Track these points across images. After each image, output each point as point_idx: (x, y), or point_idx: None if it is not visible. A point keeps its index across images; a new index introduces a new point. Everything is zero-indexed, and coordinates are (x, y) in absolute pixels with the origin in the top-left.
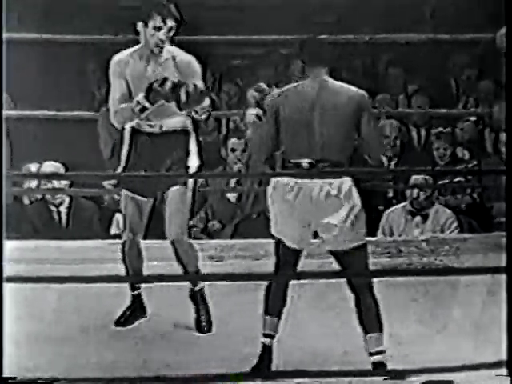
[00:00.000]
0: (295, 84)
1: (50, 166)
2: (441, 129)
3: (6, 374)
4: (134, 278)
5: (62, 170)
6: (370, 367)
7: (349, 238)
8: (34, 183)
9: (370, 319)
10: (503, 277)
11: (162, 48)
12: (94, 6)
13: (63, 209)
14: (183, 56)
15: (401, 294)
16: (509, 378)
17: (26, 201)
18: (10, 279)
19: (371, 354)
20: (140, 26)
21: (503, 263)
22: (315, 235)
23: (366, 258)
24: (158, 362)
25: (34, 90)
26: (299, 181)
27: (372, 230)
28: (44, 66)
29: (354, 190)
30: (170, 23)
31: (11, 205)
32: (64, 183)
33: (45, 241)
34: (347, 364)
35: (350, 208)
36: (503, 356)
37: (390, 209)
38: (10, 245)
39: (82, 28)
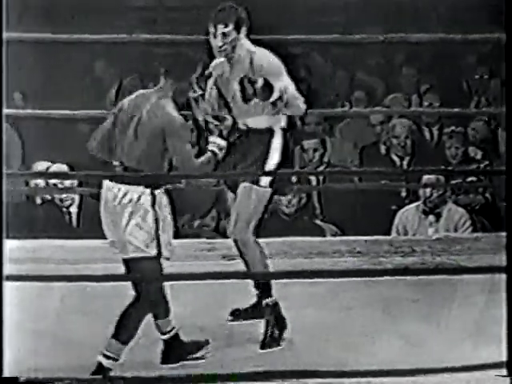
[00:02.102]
0: None
1: (56, 169)
2: (453, 128)
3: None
4: (135, 277)
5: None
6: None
7: (128, 247)
8: (42, 182)
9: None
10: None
11: (224, 53)
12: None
13: (73, 209)
14: (261, 55)
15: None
16: (508, 379)
17: (39, 200)
18: (9, 278)
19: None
20: None
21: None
22: None
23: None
24: None
25: (45, 89)
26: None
27: (386, 230)
28: (56, 65)
29: (147, 201)
30: (222, 29)
31: (23, 204)
32: (70, 183)
33: (55, 240)
34: None
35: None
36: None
37: (404, 208)
38: (21, 244)
39: (93, 27)
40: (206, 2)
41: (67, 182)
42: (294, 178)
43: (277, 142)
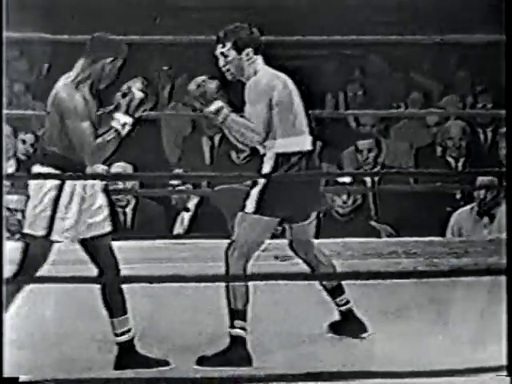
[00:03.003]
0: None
1: (118, 167)
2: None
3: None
4: (136, 278)
5: (129, 171)
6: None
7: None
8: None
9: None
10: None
11: (229, 73)
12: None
13: (129, 210)
14: (254, 78)
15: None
16: (508, 379)
17: None
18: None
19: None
20: None
21: None
22: None
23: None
24: None
25: None
26: None
27: (441, 231)
28: None
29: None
30: (220, 49)
31: None
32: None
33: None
34: None
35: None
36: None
37: (459, 210)
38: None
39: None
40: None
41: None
42: (347, 179)
43: (265, 168)
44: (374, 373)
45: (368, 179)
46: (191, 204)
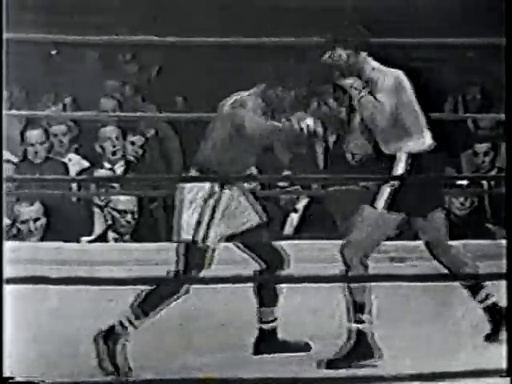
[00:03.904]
0: None
1: None
2: None
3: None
4: (136, 280)
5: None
6: None
7: None
8: None
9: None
10: None
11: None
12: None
13: None
14: None
15: None
16: (509, 379)
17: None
18: (9, 281)
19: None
20: None
21: None
22: None
23: None
24: None
25: None
26: None
27: None
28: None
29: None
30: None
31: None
32: None
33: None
34: None
35: None
36: None
37: None
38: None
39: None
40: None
41: None
42: (465, 181)
43: (398, 169)
44: (376, 377)
45: (485, 182)
46: (300, 205)
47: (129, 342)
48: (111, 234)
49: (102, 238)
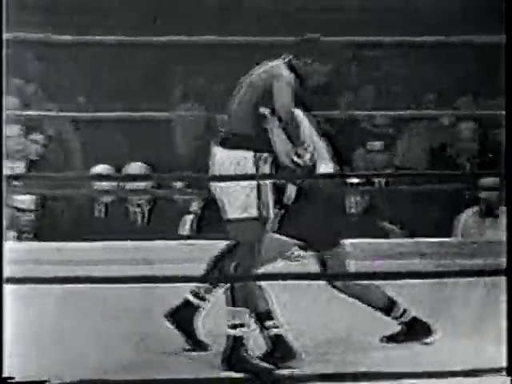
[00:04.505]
0: None
1: (135, 167)
2: None
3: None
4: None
5: (146, 171)
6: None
7: None
8: (110, 184)
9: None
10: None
11: None
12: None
13: (144, 209)
14: None
15: None
16: (509, 379)
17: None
18: (9, 280)
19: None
20: None
21: None
22: None
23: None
24: None
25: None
26: None
27: (449, 232)
28: (117, 67)
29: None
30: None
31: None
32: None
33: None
34: None
35: None
36: None
37: (463, 213)
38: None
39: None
40: None
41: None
42: (357, 180)
43: None
44: (375, 374)
45: (378, 180)
46: (195, 207)
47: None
48: (11, 233)
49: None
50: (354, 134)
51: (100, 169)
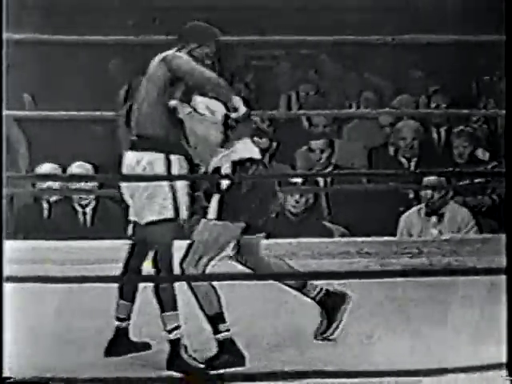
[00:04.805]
0: None
1: (78, 167)
2: (462, 127)
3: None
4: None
5: (90, 171)
6: None
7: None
8: (55, 184)
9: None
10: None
11: None
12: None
13: (89, 210)
14: None
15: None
16: (509, 379)
17: (45, 201)
18: (9, 279)
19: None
20: None
21: None
22: None
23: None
24: None
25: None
26: None
27: (393, 231)
28: (63, 66)
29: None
30: None
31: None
32: (92, 184)
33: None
34: None
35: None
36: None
37: (407, 212)
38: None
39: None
40: None
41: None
42: (299, 179)
43: None
44: (374, 371)
45: (321, 179)
46: None
47: None
48: None
49: None
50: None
51: (45, 168)
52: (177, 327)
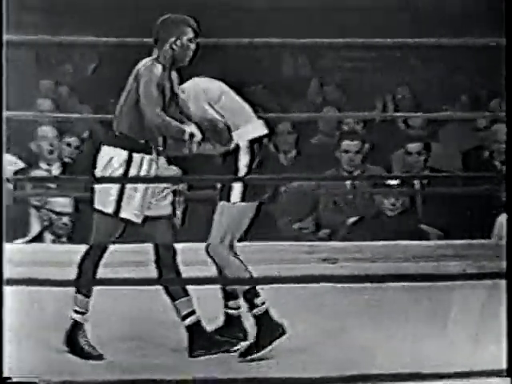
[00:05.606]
0: None
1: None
2: None
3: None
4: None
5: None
6: None
7: None
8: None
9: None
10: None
11: None
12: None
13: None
14: None
15: None
16: (509, 379)
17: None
18: (9, 282)
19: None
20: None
21: None
22: None
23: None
24: None
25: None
26: None
27: (488, 234)
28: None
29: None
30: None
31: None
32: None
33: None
34: None
35: None
36: None
37: (502, 214)
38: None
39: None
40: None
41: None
42: (396, 182)
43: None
44: (375, 375)
45: (416, 182)
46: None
47: None
48: (48, 236)
49: (38, 238)
50: (389, 136)
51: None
52: (191, 312)
